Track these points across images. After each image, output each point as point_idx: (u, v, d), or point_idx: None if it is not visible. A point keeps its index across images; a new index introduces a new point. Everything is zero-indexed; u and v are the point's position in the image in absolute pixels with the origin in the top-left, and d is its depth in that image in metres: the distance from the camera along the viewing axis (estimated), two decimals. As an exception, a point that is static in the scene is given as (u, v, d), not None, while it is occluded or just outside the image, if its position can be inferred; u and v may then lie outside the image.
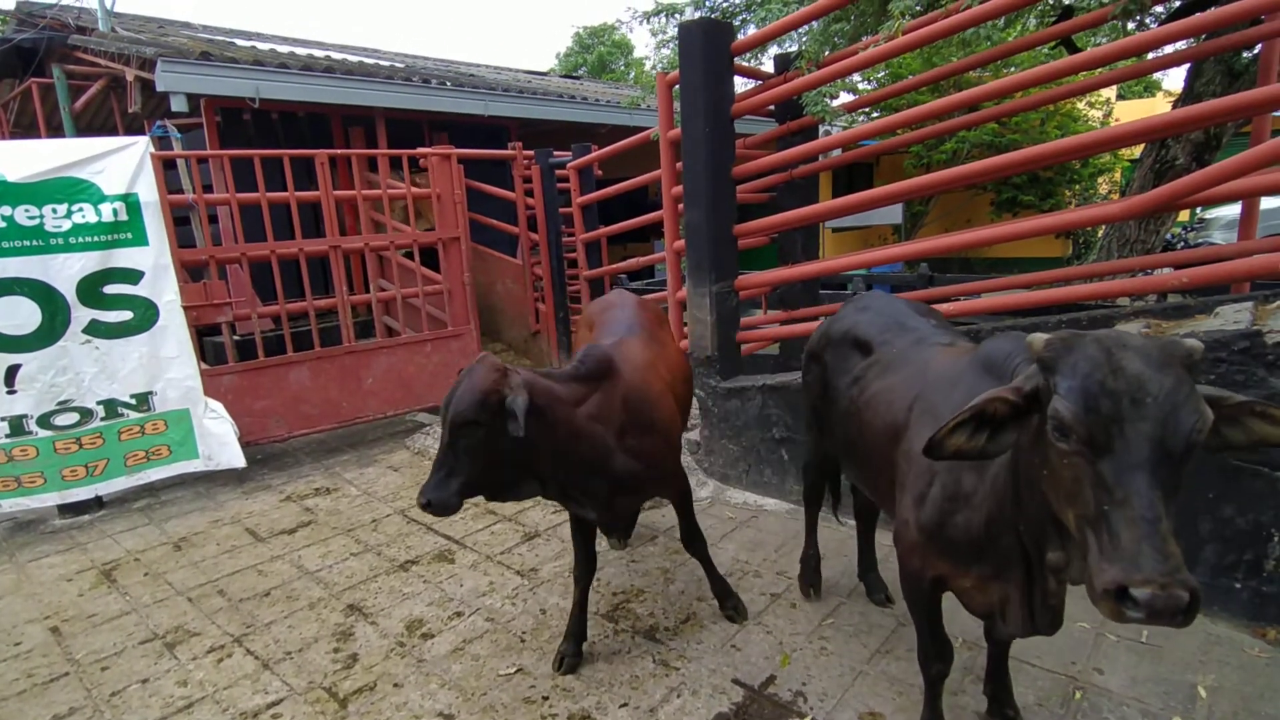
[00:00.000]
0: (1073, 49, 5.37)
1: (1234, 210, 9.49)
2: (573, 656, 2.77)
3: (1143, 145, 6.23)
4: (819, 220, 4.84)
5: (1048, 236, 12.69)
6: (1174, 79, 25.08)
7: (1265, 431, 1.39)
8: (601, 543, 3.78)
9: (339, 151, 5.96)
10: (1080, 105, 13.05)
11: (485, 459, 2.23)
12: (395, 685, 2.73)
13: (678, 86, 4.43)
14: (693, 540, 3.00)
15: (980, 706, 2.39)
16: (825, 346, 2.71)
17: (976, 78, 8.39)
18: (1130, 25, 5.72)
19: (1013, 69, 10.02)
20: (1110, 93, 13.73)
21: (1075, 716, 2.36)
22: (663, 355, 3.07)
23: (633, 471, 2.59)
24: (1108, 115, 13.44)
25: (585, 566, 2.79)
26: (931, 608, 2.11)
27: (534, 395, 2.28)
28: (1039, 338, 1.45)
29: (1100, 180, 13.29)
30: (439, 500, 2.16)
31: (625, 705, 2.55)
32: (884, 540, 3.36)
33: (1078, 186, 12.99)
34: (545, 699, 2.61)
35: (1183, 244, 10.30)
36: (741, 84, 4.69)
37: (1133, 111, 13.30)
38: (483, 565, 3.66)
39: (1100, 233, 8.39)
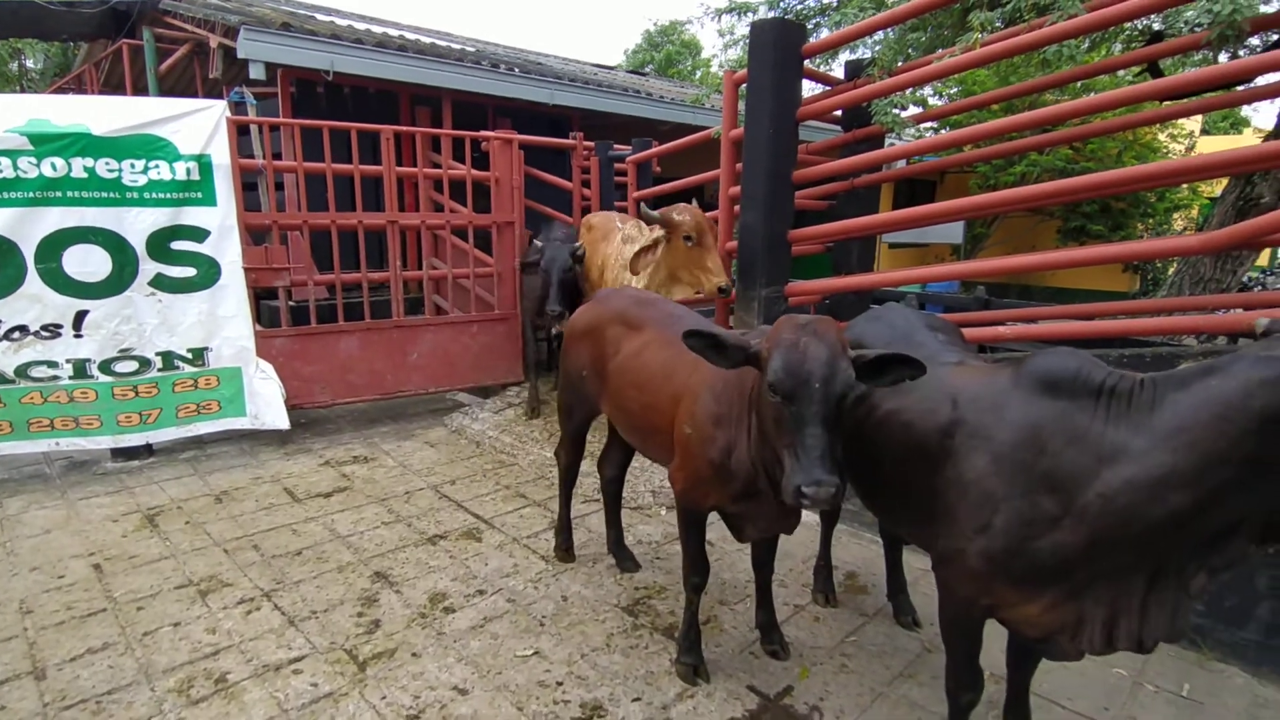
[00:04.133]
0: (1158, 75, 5.16)
1: (1318, 257, 9.02)
2: None
3: (1225, 181, 5.97)
4: (878, 231, 4.75)
5: (1114, 269, 12.25)
6: (1264, 118, 24.00)
7: None
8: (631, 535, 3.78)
9: (405, 129, 6.07)
10: (1161, 137, 12.54)
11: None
12: (414, 654, 2.76)
13: (744, 86, 4.39)
14: None
15: (1003, 742, 2.31)
16: None
17: (1053, 99, 8.13)
18: (1223, 56, 5.48)
19: (1092, 93, 9.69)
20: (1194, 125, 13.15)
21: (1103, 764, 2.27)
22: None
23: None
24: (1190, 149, 12.89)
25: None
26: (976, 636, 2.05)
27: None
28: None
29: (1175, 216, 12.76)
30: (836, 484, 1.85)
31: (639, 700, 2.54)
32: (913, 562, 3.30)
33: (1151, 220, 12.49)
34: (559, 684, 2.61)
35: (1260, 287, 9.83)
36: (809, 88, 4.63)
37: (1217, 147, 12.71)
38: (509, 547, 3.69)
39: (1172, 269, 8.07)
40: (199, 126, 4.61)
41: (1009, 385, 1.91)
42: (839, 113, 4.83)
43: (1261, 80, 3.55)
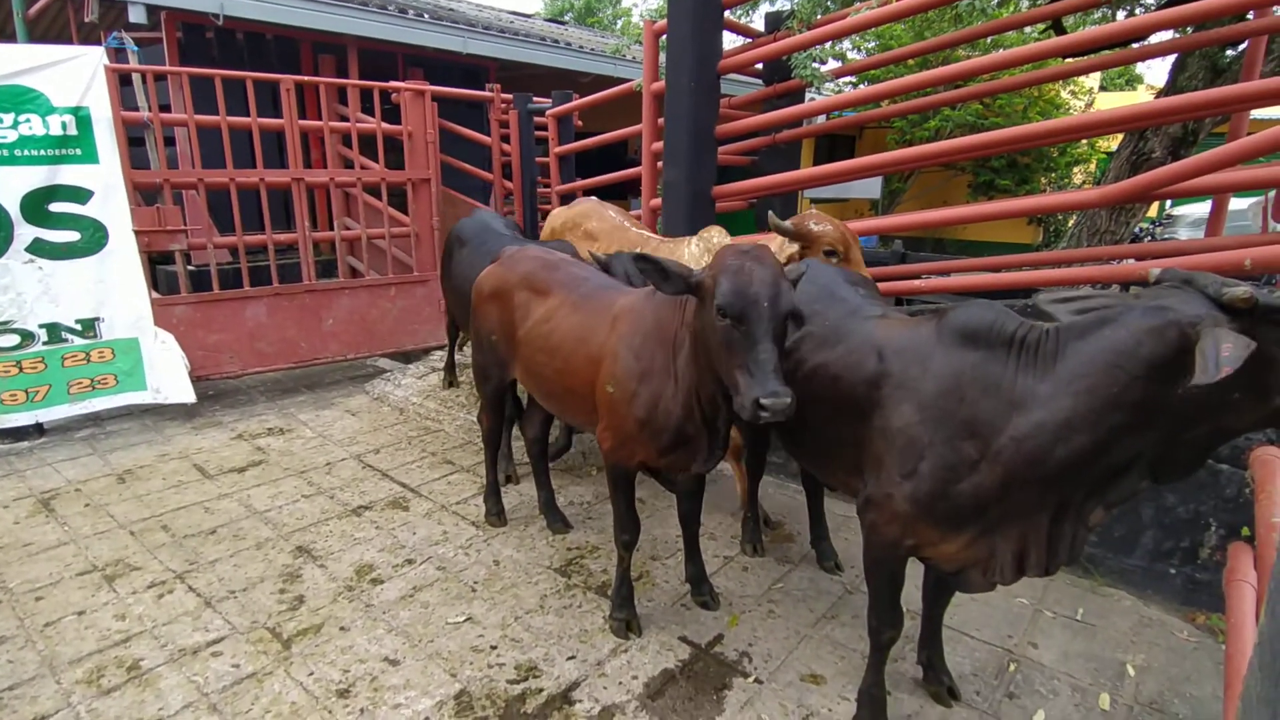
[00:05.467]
0: (1061, 32, 5.34)
1: (1200, 209, 9.67)
2: None
3: (1121, 137, 6.28)
4: (800, 187, 4.80)
5: (1019, 223, 12.81)
6: (1156, 75, 25.47)
7: None
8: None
9: (306, 79, 5.70)
10: (1064, 94, 13.07)
11: None
12: (341, 629, 2.70)
13: (665, 37, 4.31)
14: None
15: (918, 673, 2.45)
16: None
17: (965, 55, 8.34)
18: (1120, 14, 5.71)
19: (1001, 50, 9.97)
20: (1093, 82, 13.78)
21: (1009, 687, 2.43)
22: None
23: None
24: (1089, 105, 13.50)
25: None
26: (898, 576, 2.14)
27: None
28: (1244, 290, 1.51)
29: (1075, 170, 13.39)
30: (791, 394, 1.90)
31: (573, 658, 2.56)
32: (834, 509, 3.43)
33: (1054, 175, 13.08)
34: (493, 648, 2.60)
35: (1150, 238, 10.48)
36: (730, 41, 4.58)
37: (1114, 104, 13.36)
38: (437, 514, 3.63)
39: (1071, 222, 8.49)
40: (74, 76, 4.22)
41: (931, 337, 1.98)
42: (760, 66, 4.80)
43: (1155, 38, 3.71)
